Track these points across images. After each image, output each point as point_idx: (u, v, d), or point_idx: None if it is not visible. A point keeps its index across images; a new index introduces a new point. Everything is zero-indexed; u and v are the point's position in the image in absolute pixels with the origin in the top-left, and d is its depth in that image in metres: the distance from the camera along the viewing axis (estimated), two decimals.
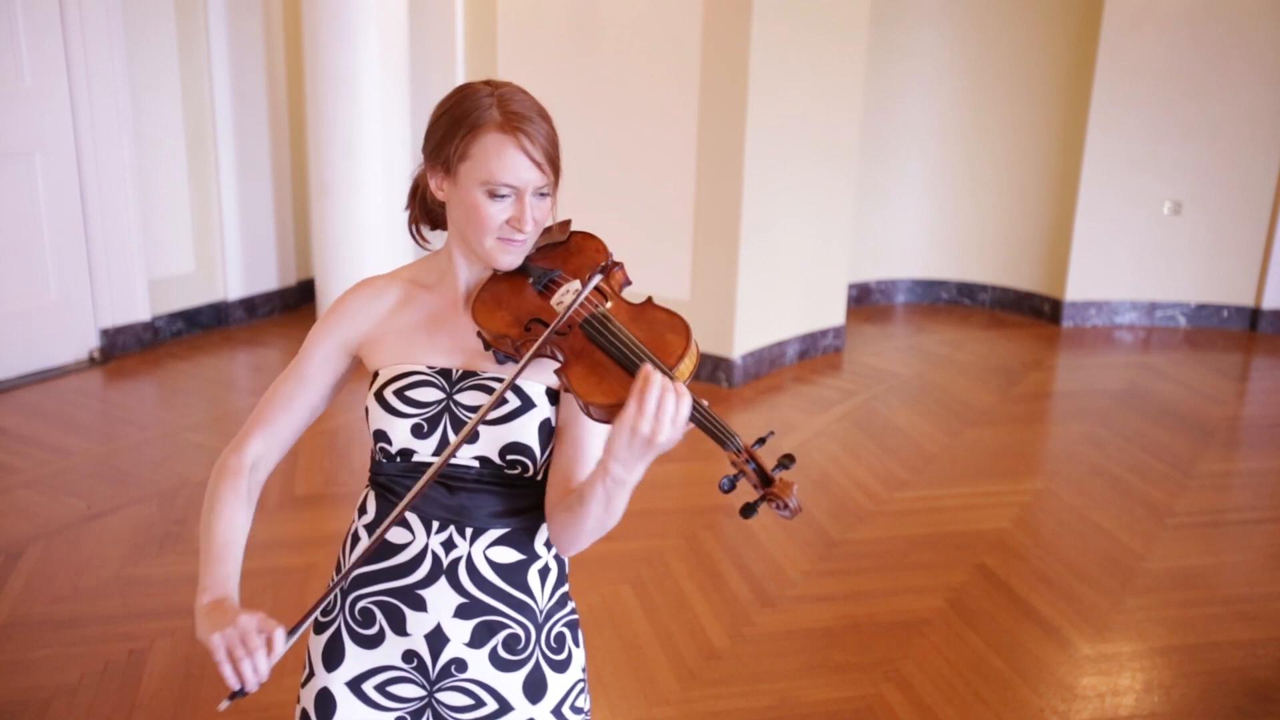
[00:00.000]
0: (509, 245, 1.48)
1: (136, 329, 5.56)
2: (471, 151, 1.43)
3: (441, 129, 1.46)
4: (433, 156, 1.49)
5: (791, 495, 1.34)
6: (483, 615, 1.51)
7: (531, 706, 1.54)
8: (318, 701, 1.56)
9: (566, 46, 5.45)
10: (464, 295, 1.55)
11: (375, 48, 5.21)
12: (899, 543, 3.80)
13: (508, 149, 1.42)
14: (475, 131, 1.43)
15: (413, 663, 1.52)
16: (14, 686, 2.86)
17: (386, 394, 1.50)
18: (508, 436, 1.47)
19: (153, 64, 5.51)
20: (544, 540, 1.56)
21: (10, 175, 4.97)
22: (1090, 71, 6.28)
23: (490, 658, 1.52)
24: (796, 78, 5.24)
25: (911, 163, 6.82)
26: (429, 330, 1.54)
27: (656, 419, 1.29)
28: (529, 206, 1.45)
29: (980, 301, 6.99)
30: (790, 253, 5.49)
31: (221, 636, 1.33)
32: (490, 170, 1.42)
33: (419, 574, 1.50)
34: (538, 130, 1.44)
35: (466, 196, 1.45)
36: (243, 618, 1.34)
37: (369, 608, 1.53)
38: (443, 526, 1.50)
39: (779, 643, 3.17)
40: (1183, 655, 3.17)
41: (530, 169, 1.43)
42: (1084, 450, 4.69)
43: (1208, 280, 6.57)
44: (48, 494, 3.97)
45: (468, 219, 1.46)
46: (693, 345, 1.39)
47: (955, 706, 2.89)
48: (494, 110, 1.43)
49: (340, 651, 1.55)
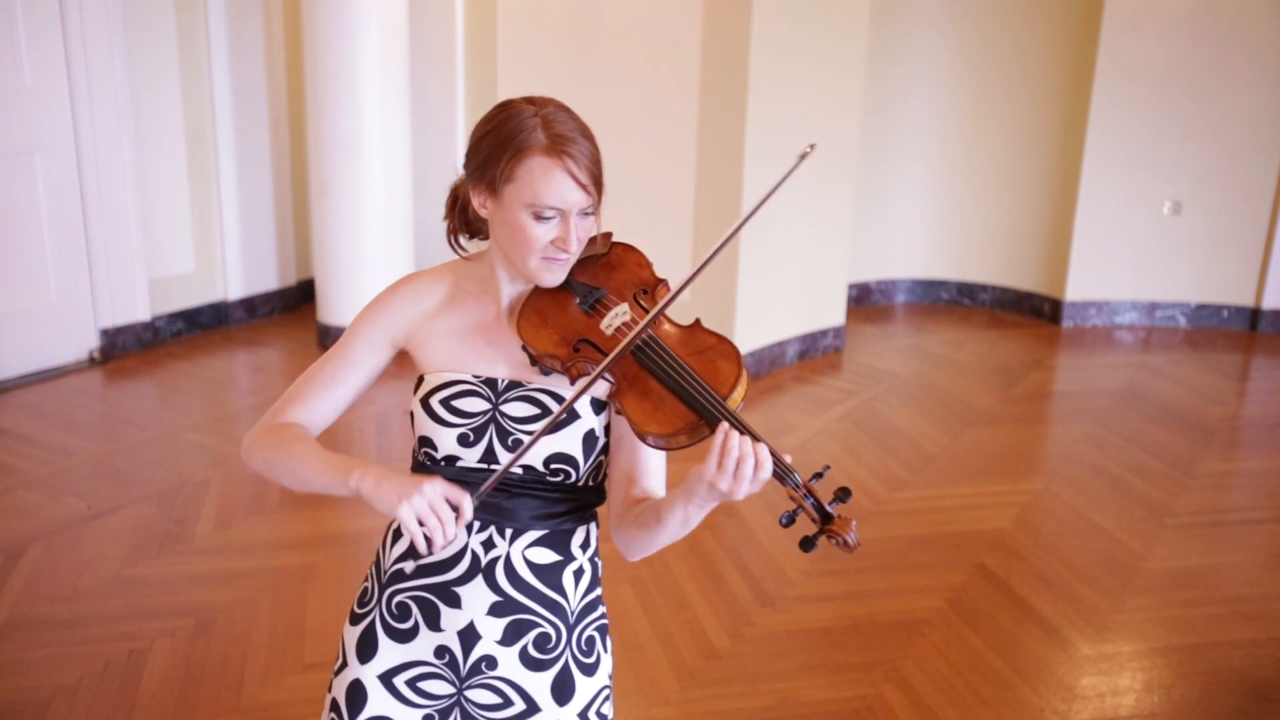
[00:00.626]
0: (553, 264, 1.48)
1: (136, 329, 5.56)
2: (517, 174, 1.43)
3: (486, 149, 1.46)
4: (476, 175, 1.48)
5: (850, 531, 1.35)
6: (515, 614, 1.52)
7: (559, 708, 1.55)
8: (349, 693, 1.57)
9: (566, 47, 5.45)
10: (507, 308, 1.55)
11: (375, 48, 5.21)
12: (899, 543, 3.80)
13: (554, 172, 1.42)
14: (521, 154, 1.42)
15: (444, 659, 1.54)
16: (14, 686, 2.86)
17: (433, 402, 1.51)
18: (552, 447, 1.49)
19: (153, 64, 5.51)
20: (580, 542, 1.58)
21: (10, 175, 4.97)
22: (1090, 71, 6.28)
23: (520, 656, 1.53)
24: (796, 78, 5.24)
25: (911, 163, 6.82)
26: (474, 338, 1.55)
27: (736, 480, 1.33)
28: (574, 227, 1.46)
29: (980, 301, 6.99)
30: (790, 253, 5.49)
31: (410, 507, 1.32)
32: (536, 193, 1.42)
33: (457, 571, 1.52)
34: (582, 152, 1.44)
35: (511, 218, 1.45)
36: (427, 485, 1.34)
37: (405, 602, 1.55)
38: (483, 527, 1.52)
39: (779, 643, 3.17)
40: (1183, 655, 3.16)
41: (576, 191, 1.43)
42: (1084, 450, 4.69)
43: (1208, 280, 6.57)
44: (48, 494, 3.97)
45: (512, 239, 1.47)
46: (744, 371, 1.41)
47: (955, 706, 2.89)
48: (539, 132, 1.43)
49: (374, 644, 1.56)
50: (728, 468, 1.32)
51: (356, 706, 1.55)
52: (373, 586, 1.60)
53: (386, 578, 1.57)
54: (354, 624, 1.60)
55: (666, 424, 1.38)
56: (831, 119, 5.54)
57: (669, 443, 1.38)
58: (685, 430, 1.38)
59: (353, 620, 1.61)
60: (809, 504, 1.36)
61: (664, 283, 1.55)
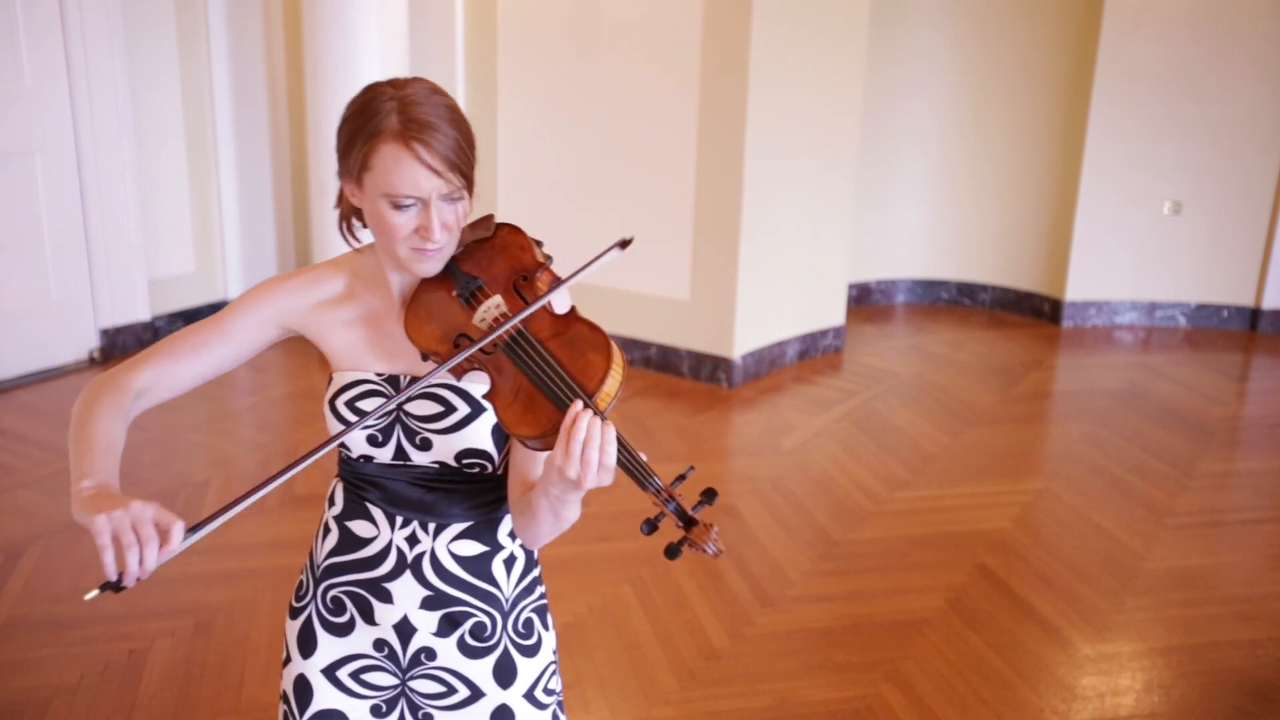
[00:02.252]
0: (423, 254, 1.42)
1: (136, 329, 5.56)
2: (372, 162, 1.37)
3: (345, 136, 1.41)
4: (341, 163, 1.44)
5: (709, 541, 1.31)
6: (448, 607, 1.53)
7: (503, 692, 1.56)
8: (296, 687, 1.58)
9: (566, 46, 5.45)
10: (399, 300, 1.52)
11: (375, 48, 5.21)
12: (899, 543, 3.80)
13: (405, 160, 1.35)
14: (374, 141, 1.36)
15: (384, 651, 1.55)
16: (14, 686, 2.86)
17: (339, 405, 1.50)
18: (462, 443, 1.47)
19: (153, 64, 5.51)
20: (508, 531, 1.57)
21: (10, 175, 4.97)
22: (1090, 71, 6.28)
23: (458, 645, 1.54)
24: (796, 78, 5.24)
25: (911, 163, 6.82)
26: (372, 333, 1.52)
27: (583, 465, 1.28)
28: (436, 214, 1.38)
29: (980, 301, 6.99)
30: (790, 253, 5.49)
31: (108, 519, 1.20)
32: (390, 182, 1.36)
33: (384, 568, 1.53)
34: (438, 137, 1.36)
35: (372, 208, 1.40)
36: (136, 504, 1.22)
37: (339, 596, 1.56)
38: (406, 522, 1.52)
39: (779, 643, 3.17)
40: (1183, 655, 3.16)
41: (430, 178, 1.36)
42: (1084, 450, 4.69)
43: (1208, 280, 6.57)
44: (48, 494, 3.97)
45: (378, 229, 1.42)
46: (614, 363, 1.34)
47: (955, 706, 2.89)
48: (393, 117, 1.36)
49: (313, 638, 1.57)
50: (574, 451, 1.27)
51: (304, 701, 1.56)
52: (307, 580, 1.61)
53: (320, 572, 1.58)
54: (293, 618, 1.61)
55: (535, 425, 1.33)
56: (831, 119, 5.54)
57: (540, 444, 1.34)
58: (553, 430, 1.32)
59: (292, 614, 1.61)
60: (670, 509, 1.32)
61: (546, 266, 1.46)
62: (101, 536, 1.21)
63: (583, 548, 3.64)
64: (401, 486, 1.51)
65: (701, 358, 5.36)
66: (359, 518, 1.55)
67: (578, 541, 3.68)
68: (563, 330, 1.39)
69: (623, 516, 3.88)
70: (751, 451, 4.59)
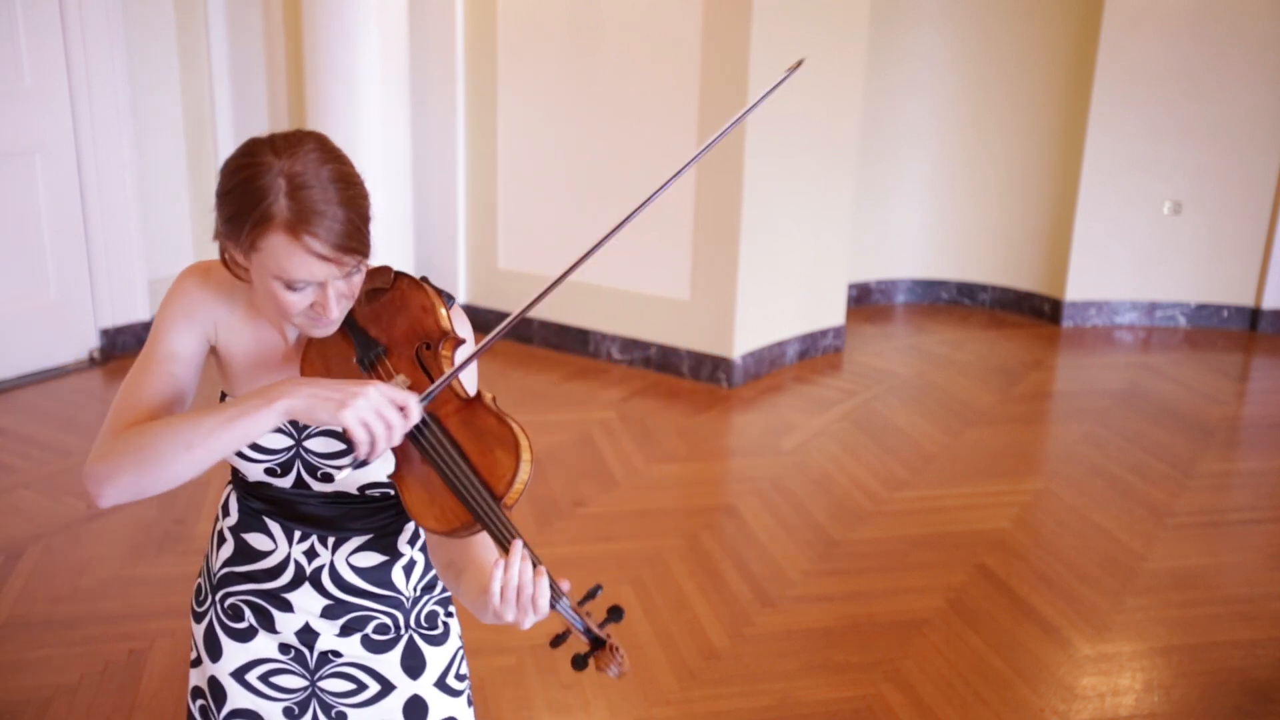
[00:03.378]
0: (318, 323, 1.36)
1: (136, 329, 5.56)
2: (260, 245, 1.28)
3: (230, 208, 1.30)
4: (225, 232, 1.33)
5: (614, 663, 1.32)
6: (349, 614, 1.53)
7: (413, 683, 1.56)
8: (211, 688, 1.57)
9: (566, 46, 5.45)
10: (294, 343, 1.47)
11: (375, 48, 5.21)
12: (899, 543, 3.80)
13: (296, 252, 1.27)
14: (261, 228, 1.27)
15: (289, 654, 1.54)
16: (14, 686, 2.86)
17: None
18: (364, 478, 1.45)
19: (153, 64, 5.51)
20: (408, 539, 1.56)
21: (10, 175, 4.97)
22: (1090, 71, 6.28)
23: (363, 643, 1.54)
24: (797, 78, 5.23)
25: (911, 163, 6.82)
26: (269, 365, 1.46)
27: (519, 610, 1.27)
28: (332, 293, 1.32)
29: (980, 301, 6.99)
30: (790, 253, 5.49)
31: (355, 413, 1.23)
32: (282, 268, 1.28)
33: (282, 580, 1.51)
34: (330, 225, 1.27)
35: (262, 284, 1.32)
36: (371, 388, 1.25)
37: (238, 604, 1.54)
38: (304, 536, 1.50)
39: (779, 643, 3.17)
40: (1183, 655, 3.16)
41: (324, 267, 1.28)
42: (1084, 450, 4.69)
43: (1208, 280, 6.57)
44: (48, 494, 3.97)
45: (267, 304, 1.34)
46: (523, 463, 1.29)
47: (955, 706, 2.89)
48: (281, 201, 1.26)
49: (217, 644, 1.56)
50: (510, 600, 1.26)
51: (219, 702, 1.56)
52: (205, 585, 1.59)
53: (216, 580, 1.56)
54: (196, 621, 1.59)
55: (442, 520, 1.31)
56: (831, 119, 5.54)
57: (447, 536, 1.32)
58: (462, 528, 1.30)
59: (195, 618, 1.60)
60: (578, 628, 1.32)
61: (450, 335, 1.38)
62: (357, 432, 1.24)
63: (583, 548, 3.64)
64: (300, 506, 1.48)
65: (701, 358, 5.36)
66: (255, 530, 1.52)
67: (578, 541, 3.68)
68: (470, 419, 1.33)
69: (623, 516, 3.88)
70: (751, 451, 4.59)
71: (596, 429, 4.72)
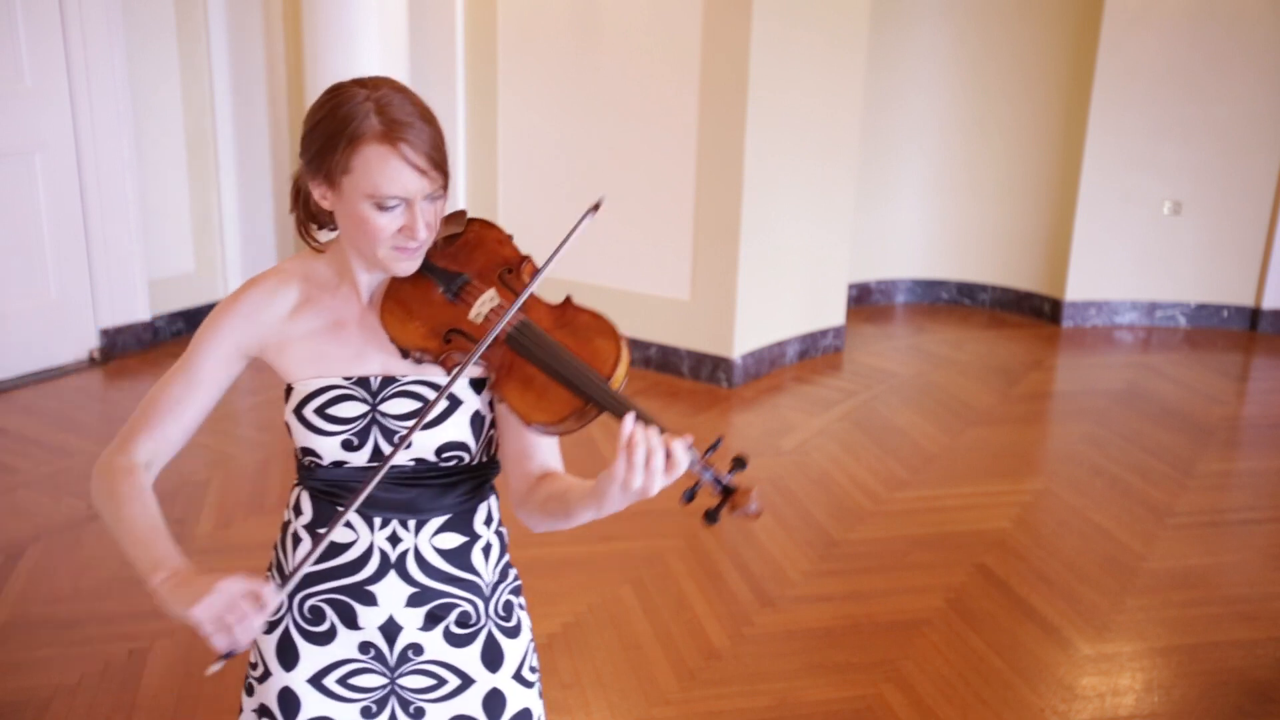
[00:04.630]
0: (403, 254, 1.42)
1: (136, 329, 5.56)
2: (353, 165, 1.35)
3: (319, 140, 1.38)
4: (313, 167, 1.41)
5: (752, 501, 1.32)
6: (433, 600, 1.52)
7: (492, 676, 1.56)
8: (281, 700, 1.55)
9: (567, 46, 5.45)
10: (368, 298, 1.50)
11: (375, 48, 5.21)
12: (899, 543, 3.80)
13: (391, 160, 1.34)
14: (355, 143, 1.35)
15: (370, 653, 1.53)
16: (14, 686, 2.86)
17: (306, 413, 1.46)
18: (441, 438, 1.46)
19: (153, 64, 5.51)
20: (483, 519, 1.57)
21: (10, 175, 4.97)
22: (1090, 71, 6.27)
23: (444, 636, 1.54)
24: (796, 78, 5.24)
25: (911, 163, 6.82)
26: (336, 336, 1.48)
27: (648, 475, 1.28)
28: (420, 213, 1.38)
29: (980, 301, 6.99)
30: (790, 253, 5.49)
31: (205, 609, 1.27)
32: (375, 184, 1.35)
33: (367, 571, 1.50)
34: (420, 136, 1.36)
35: (353, 210, 1.38)
36: (221, 583, 1.28)
37: (318, 606, 1.52)
38: (385, 522, 1.49)
39: (779, 643, 3.17)
40: (1183, 655, 3.16)
41: (416, 178, 1.36)
42: (1084, 450, 4.69)
43: (1208, 280, 6.57)
44: (48, 494, 3.97)
45: (357, 232, 1.40)
46: (623, 348, 1.35)
47: (955, 706, 2.89)
48: (372, 118, 1.35)
49: (294, 651, 1.54)
50: (637, 463, 1.27)
51: (291, 712, 1.53)
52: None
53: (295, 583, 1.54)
54: (267, 632, 1.55)
55: (551, 412, 1.34)
56: (831, 119, 5.54)
57: (557, 429, 1.34)
58: (572, 416, 1.33)
59: (265, 629, 1.56)
60: (707, 478, 1.33)
61: (528, 259, 1.47)
62: (204, 626, 1.27)
63: (583, 548, 3.63)
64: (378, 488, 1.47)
65: (701, 358, 5.36)
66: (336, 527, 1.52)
67: (578, 541, 3.68)
68: (564, 320, 1.40)
69: (622, 516, 3.87)
70: (751, 451, 4.59)
71: (597, 429, 4.72)
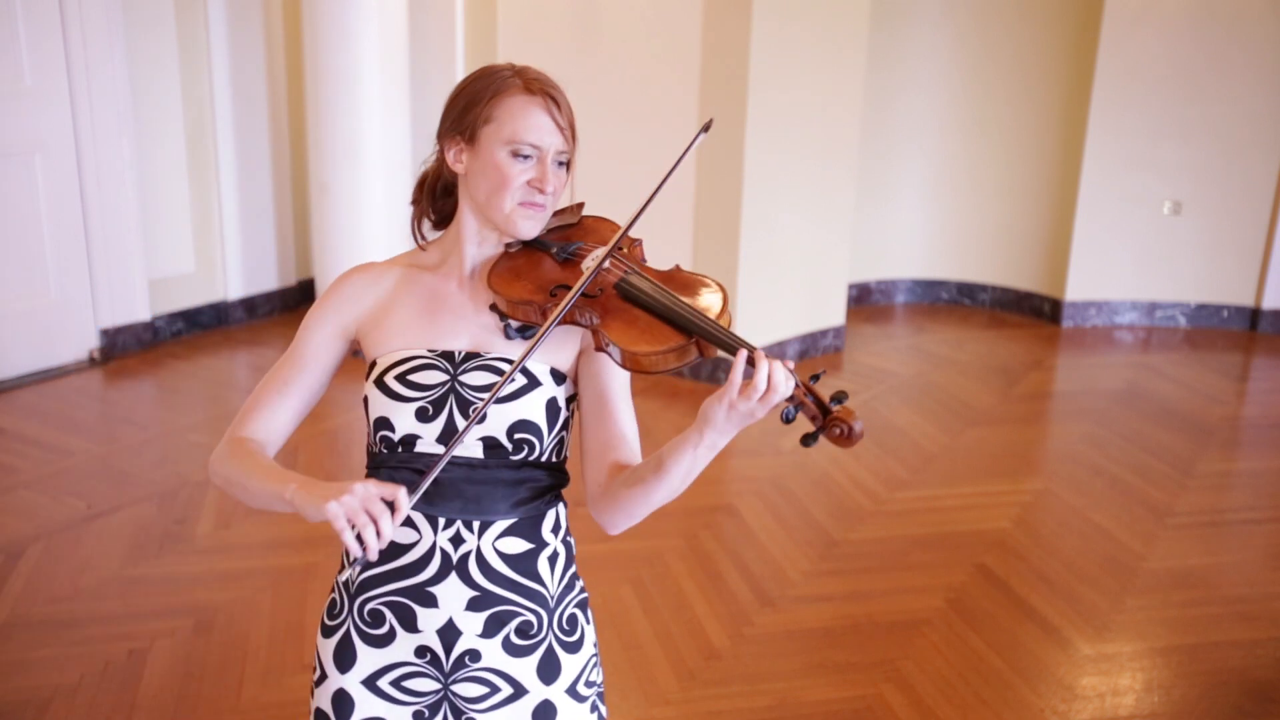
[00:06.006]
0: (529, 210, 1.50)
1: (136, 329, 5.56)
2: (496, 114, 1.48)
3: (463, 101, 1.50)
4: (452, 128, 1.51)
5: (855, 419, 1.35)
6: (495, 606, 1.51)
7: (546, 688, 1.55)
8: (335, 703, 1.55)
9: (567, 46, 5.45)
10: (469, 273, 1.55)
11: (375, 48, 5.21)
12: (899, 543, 3.80)
13: (533, 109, 1.48)
14: (500, 95, 1.48)
15: (425, 657, 1.52)
16: (14, 686, 2.86)
17: (388, 379, 1.49)
18: (515, 414, 1.46)
19: (153, 64, 5.51)
20: (550, 527, 1.57)
21: (10, 175, 4.97)
22: (1090, 71, 6.28)
23: (504, 645, 1.52)
24: (796, 77, 5.24)
25: (911, 162, 6.82)
26: (429, 312, 1.53)
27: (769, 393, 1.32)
28: (551, 169, 1.49)
29: (980, 301, 6.99)
30: (790, 252, 5.49)
31: (339, 505, 1.29)
32: (515, 129, 1.47)
33: (429, 572, 1.49)
34: (561, 97, 1.51)
35: (489, 158, 1.48)
36: (358, 486, 1.30)
37: (378, 609, 1.52)
38: (449, 523, 1.49)
39: (779, 643, 3.17)
40: (1183, 655, 3.16)
41: (554, 132, 1.49)
42: (1084, 450, 4.69)
43: (1208, 280, 6.57)
44: (48, 494, 3.97)
45: (489, 181, 1.48)
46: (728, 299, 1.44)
47: (955, 706, 2.89)
48: (516, 78, 1.49)
49: (351, 653, 1.54)
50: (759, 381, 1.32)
51: (345, 714, 1.54)
52: (340, 597, 1.57)
53: (355, 587, 1.54)
54: (326, 636, 1.57)
55: (657, 341, 1.38)
56: (831, 119, 5.54)
57: (659, 361, 1.38)
58: (675, 350, 1.38)
59: (325, 633, 1.58)
60: (810, 400, 1.37)
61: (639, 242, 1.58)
62: (338, 521, 1.29)
63: (583, 548, 3.63)
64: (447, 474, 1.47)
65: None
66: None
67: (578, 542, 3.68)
68: (670, 279, 1.49)
69: None
70: (751, 451, 4.59)
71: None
